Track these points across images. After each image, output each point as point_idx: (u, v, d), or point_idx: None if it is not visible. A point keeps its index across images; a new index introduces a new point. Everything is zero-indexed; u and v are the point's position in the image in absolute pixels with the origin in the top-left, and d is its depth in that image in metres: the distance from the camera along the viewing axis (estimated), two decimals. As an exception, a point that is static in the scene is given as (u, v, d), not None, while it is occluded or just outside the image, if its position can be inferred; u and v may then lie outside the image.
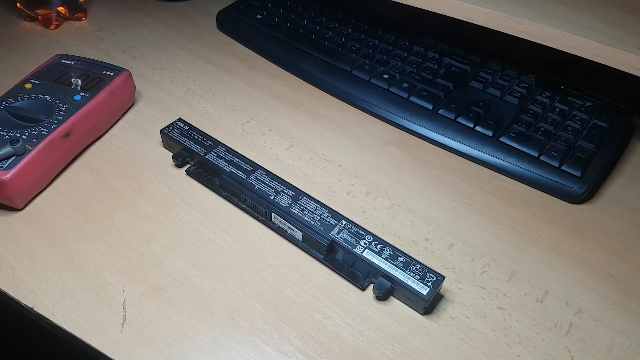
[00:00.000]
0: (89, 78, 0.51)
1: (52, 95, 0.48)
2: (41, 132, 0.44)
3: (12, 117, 0.46)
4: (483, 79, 0.57)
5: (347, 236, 0.40)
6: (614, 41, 0.45)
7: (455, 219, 0.45)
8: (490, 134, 0.51)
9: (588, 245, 0.44)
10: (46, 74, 0.51)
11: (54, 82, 0.50)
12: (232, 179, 0.44)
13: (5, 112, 0.46)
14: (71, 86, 0.49)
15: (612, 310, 0.39)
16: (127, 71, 0.52)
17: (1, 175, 0.41)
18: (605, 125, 0.51)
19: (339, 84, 0.58)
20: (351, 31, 0.64)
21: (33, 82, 0.50)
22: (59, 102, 0.47)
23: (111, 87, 0.50)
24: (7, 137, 0.43)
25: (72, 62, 0.53)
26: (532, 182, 0.48)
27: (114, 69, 0.52)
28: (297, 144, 0.52)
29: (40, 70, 0.52)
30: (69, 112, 0.47)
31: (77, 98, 0.48)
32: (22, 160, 0.42)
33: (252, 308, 0.38)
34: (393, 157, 0.51)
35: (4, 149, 0.42)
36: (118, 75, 0.51)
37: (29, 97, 0.48)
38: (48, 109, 0.47)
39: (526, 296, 0.40)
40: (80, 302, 0.37)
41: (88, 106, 0.48)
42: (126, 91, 0.53)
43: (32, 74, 0.51)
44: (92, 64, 0.53)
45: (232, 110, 0.56)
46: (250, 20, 0.66)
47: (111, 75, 0.51)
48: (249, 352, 0.35)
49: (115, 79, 0.51)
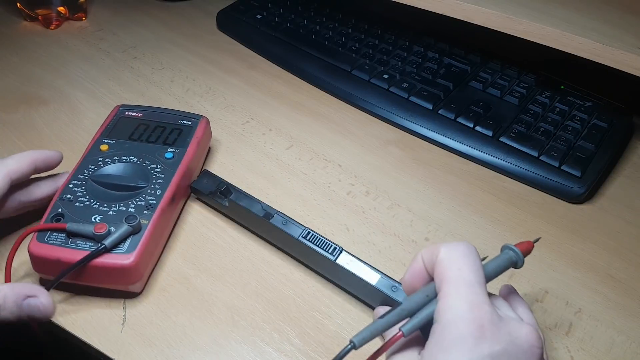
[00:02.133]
0: (166, 130, 0.46)
1: (138, 156, 0.43)
2: (148, 201, 0.39)
3: (102, 186, 0.40)
4: (483, 79, 0.57)
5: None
6: (614, 41, 0.45)
7: (455, 219, 0.45)
8: (490, 134, 0.51)
9: (588, 245, 0.44)
10: (116, 131, 0.45)
11: (130, 140, 0.45)
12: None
13: (91, 181, 0.40)
14: (153, 142, 0.44)
15: (612, 310, 0.39)
16: (205, 118, 0.48)
17: (124, 260, 0.35)
18: (605, 125, 0.51)
19: (339, 84, 0.58)
20: (351, 31, 0.63)
21: (108, 143, 0.44)
22: (150, 163, 0.42)
23: (197, 138, 0.45)
24: (112, 213, 0.38)
25: (139, 114, 0.47)
26: (532, 182, 0.48)
27: (189, 117, 0.47)
28: (297, 144, 0.52)
29: (108, 127, 0.46)
30: (166, 173, 0.41)
31: (168, 156, 0.43)
32: (141, 239, 0.37)
33: (252, 308, 0.38)
34: (393, 157, 0.51)
35: (121, 228, 0.36)
36: (199, 124, 0.47)
37: (112, 161, 0.42)
38: (143, 173, 0.41)
39: (526, 296, 0.40)
40: (80, 302, 0.37)
41: (183, 163, 0.43)
42: (208, 138, 0.49)
43: (100, 133, 0.45)
44: (162, 114, 0.47)
45: (232, 110, 0.56)
46: (250, 20, 0.66)
47: (190, 125, 0.46)
48: (249, 352, 0.35)
49: (198, 129, 0.46)
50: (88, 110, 0.54)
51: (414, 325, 0.29)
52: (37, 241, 0.36)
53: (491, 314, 0.27)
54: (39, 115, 0.53)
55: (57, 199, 0.39)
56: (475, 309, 0.27)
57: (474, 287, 0.28)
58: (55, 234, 0.37)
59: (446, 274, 0.28)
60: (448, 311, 0.27)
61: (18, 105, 0.54)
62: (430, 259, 0.30)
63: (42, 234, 0.37)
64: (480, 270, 0.29)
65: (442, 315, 0.27)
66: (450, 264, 0.29)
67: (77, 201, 0.39)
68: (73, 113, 0.54)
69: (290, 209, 0.45)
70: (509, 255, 0.32)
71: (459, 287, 0.28)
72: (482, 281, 0.28)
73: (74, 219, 0.37)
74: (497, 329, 0.27)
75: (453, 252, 0.29)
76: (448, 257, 0.29)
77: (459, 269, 0.28)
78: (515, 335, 0.28)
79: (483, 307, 0.27)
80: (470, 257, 0.29)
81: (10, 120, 0.52)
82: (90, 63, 0.61)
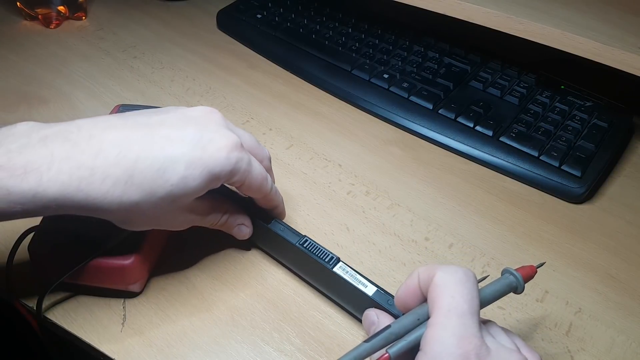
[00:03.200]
0: None
1: None
2: None
3: None
4: (483, 78, 0.57)
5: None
6: (614, 41, 0.45)
7: (455, 219, 0.45)
8: (490, 133, 0.51)
9: (588, 245, 0.44)
10: None
11: None
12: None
13: None
14: None
15: (612, 310, 0.39)
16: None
17: (124, 260, 0.35)
18: (605, 125, 0.51)
19: (339, 84, 0.58)
20: (351, 31, 0.63)
21: None
22: None
23: None
24: None
25: None
26: (532, 181, 0.48)
27: None
28: (297, 144, 0.52)
29: None
30: None
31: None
32: (141, 239, 0.37)
33: (252, 308, 0.38)
34: (393, 157, 0.51)
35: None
36: None
37: None
38: None
39: (526, 296, 0.40)
40: (80, 302, 0.37)
41: None
42: None
43: None
44: None
45: (232, 109, 0.56)
46: (250, 19, 0.66)
47: None
48: (249, 352, 0.35)
49: None
50: (88, 109, 0.54)
51: (402, 348, 0.28)
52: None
53: (479, 347, 0.27)
54: (39, 114, 0.53)
55: None
56: (463, 344, 0.26)
57: (464, 318, 0.27)
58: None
59: (438, 300, 0.27)
60: (435, 343, 0.27)
61: (18, 105, 0.54)
62: (426, 280, 0.29)
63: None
64: (475, 299, 0.28)
65: (429, 346, 0.27)
66: (445, 290, 0.28)
67: None
68: (73, 112, 0.54)
69: (291, 208, 0.45)
70: (508, 281, 0.31)
71: (450, 318, 0.27)
72: (475, 311, 0.27)
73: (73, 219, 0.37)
74: None
75: (449, 278, 0.28)
76: (443, 281, 0.28)
77: (452, 296, 0.27)
78: None
79: (472, 341, 0.26)
80: (466, 285, 0.28)
81: (10, 120, 0.52)
82: (90, 62, 0.61)
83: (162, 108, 0.35)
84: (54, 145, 0.29)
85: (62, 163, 0.28)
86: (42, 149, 0.28)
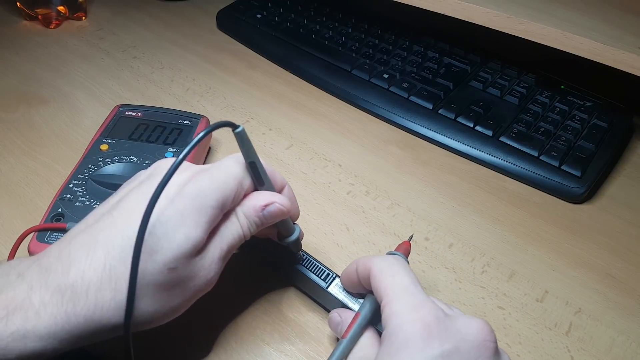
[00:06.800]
0: (166, 130, 0.46)
1: (139, 156, 0.43)
2: None
3: (102, 186, 0.40)
4: (483, 78, 0.57)
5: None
6: (614, 41, 0.45)
7: (455, 219, 0.45)
8: (490, 133, 0.51)
9: (588, 245, 0.44)
10: (116, 130, 0.46)
11: (130, 139, 0.45)
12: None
13: (92, 181, 0.40)
14: (153, 142, 0.45)
15: (612, 310, 0.39)
16: (205, 117, 0.48)
17: None
18: (605, 125, 0.51)
19: (339, 84, 0.58)
20: (351, 31, 0.63)
21: (108, 143, 0.44)
22: (150, 163, 0.41)
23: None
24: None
25: (139, 114, 0.47)
26: (532, 181, 0.48)
27: (189, 116, 0.47)
28: (297, 144, 0.52)
29: (108, 126, 0.46)
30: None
31: (168, 156, 0.43)
32: None
33: (252, 308, 0.38)
34: (393, 157, 0.51)
35: None
36: (199, 124, 0.47)
37: (112, 160, 0.42)
38: None
39: (526, 296, 0.40)
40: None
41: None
42: (208, 138, 0.48)
43: (100, 133, 0.45)
44: (162, 113, 0.48)
45: (232, 109, 0.56)
46: (250, 19, 0.66)
47: (190, 125, 0.47)
48: (249, 352, 0.35)
49: (199, 128, 0.46)
50: (88, 109, 0.54)
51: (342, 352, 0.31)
52: (37, 241, 0.36)
53: (436, 310, 0.27)
54: (38, 114, 0.53)
55: (57, 199, 0.39)
56: (417, 309, 0.27)
57: (409, 289, 0.29)
58: (55, 234, 0.37)
59: (382, 284, 0.30)
60: (393, 317, 0.28)
61: (18, 105, 0.54)
62: (364, 273, 0.31)
63: (42, 234, 0.37)
64: (412, 273, 0.30)
65: (388, 322, 0.28)
66: (384, 275, 0.30)
67: (77, 201, 0.39)
68: (73, 112, 0.54)
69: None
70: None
71: (397, 292, 0.29)
72: (416, 282, 0.29)
73: (74, 219, 0.38)
74: (445, 326, 0.27)
75: (383, 264, 0.31)
76: (379, 268, 0.30)
77: (392, 275, 0.30)
78: (465, 331, 0.27)
79: (425, 305, 0.28)
80: (399, 264, 0.31)
81: (10, 120, 0.52)
82: (90, 62, 0.61)
83: (121, 189, 0.31)
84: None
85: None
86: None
